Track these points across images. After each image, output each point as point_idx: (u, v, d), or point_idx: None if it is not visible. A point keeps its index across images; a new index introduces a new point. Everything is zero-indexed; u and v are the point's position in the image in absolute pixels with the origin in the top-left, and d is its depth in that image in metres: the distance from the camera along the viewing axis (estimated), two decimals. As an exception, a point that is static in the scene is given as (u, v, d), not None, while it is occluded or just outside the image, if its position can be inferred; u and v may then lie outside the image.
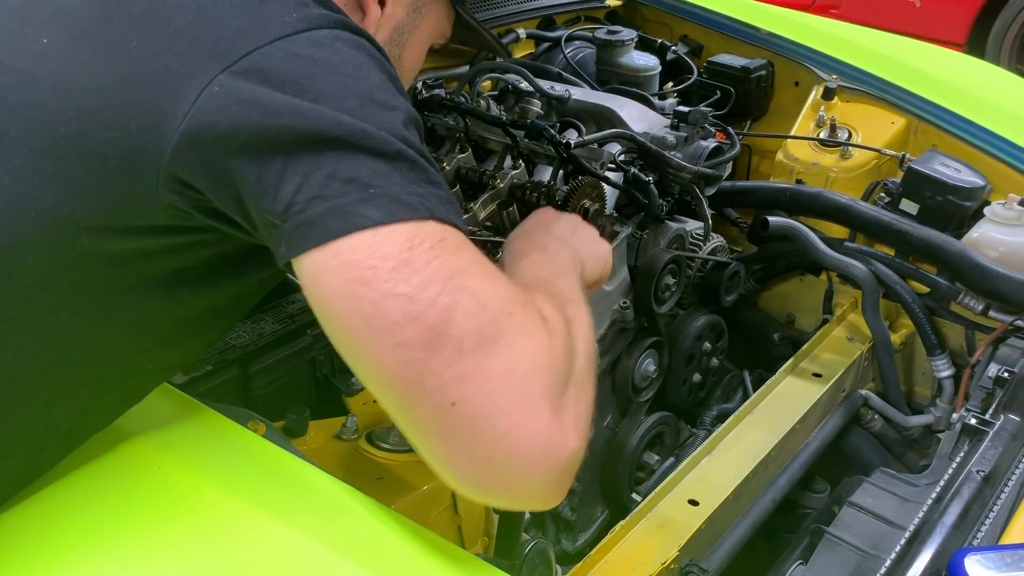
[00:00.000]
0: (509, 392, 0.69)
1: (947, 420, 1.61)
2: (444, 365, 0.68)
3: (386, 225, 0.69)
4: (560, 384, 0.73)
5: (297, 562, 0.83)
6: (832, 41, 2.07)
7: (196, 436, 0.95)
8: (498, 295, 0.72)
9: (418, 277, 0.68)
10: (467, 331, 0.69)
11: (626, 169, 1.50)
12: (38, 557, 0.83)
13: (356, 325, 0.69)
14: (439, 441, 0.71)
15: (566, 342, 0.77)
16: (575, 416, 0.73)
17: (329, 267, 0.70)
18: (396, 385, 0.70)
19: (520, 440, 0.69)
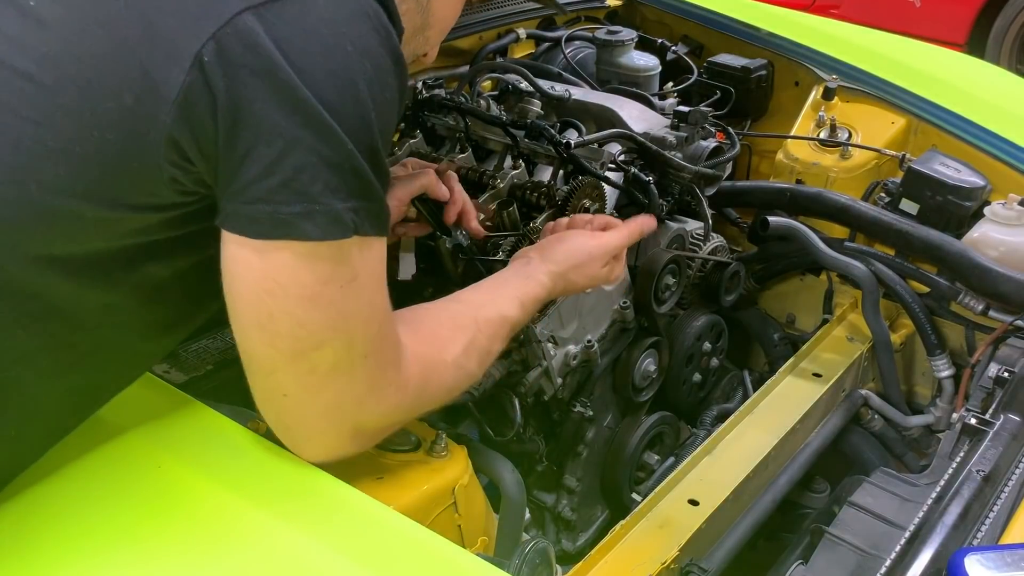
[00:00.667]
0: (328, 412, 0.86)
1: (947, 420, 1.61)
2: (294, 372, 0.83)
3: (314, 242, 0.77)
4: (376, 417, 0.89)
5: (297, 562, 0.83)
6: (832, 41, 2.07)
7: (196, 436, 0.95)
8: (368, 338, 0.84)
9: (317, 314, 0.80)
10: (326, 360, 0.82)
11: (626, 169, 1.50)
12: (38, 557, 0.83)
13: (248, 316, 0.81)
14: (262, 403, 0.87)
15: (412, 388, 0.91)
16: (369, 440, 0.92)
17: (251, 262, 0.78)
18: (253, 362, 0.84)
19: (312, 439, 0.88)
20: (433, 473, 1.05)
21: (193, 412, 0.98)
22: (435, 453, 1.07)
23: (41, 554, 0.84)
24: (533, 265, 1.16)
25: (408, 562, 0.85)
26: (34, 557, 0.83)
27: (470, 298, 1.06)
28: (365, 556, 0.85)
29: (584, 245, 1.21)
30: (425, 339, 0.94)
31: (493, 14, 2.00)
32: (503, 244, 1.34)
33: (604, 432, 1.54)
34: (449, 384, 0.97)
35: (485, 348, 1.02)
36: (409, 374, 0.91)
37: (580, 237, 1.22)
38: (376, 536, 0.87)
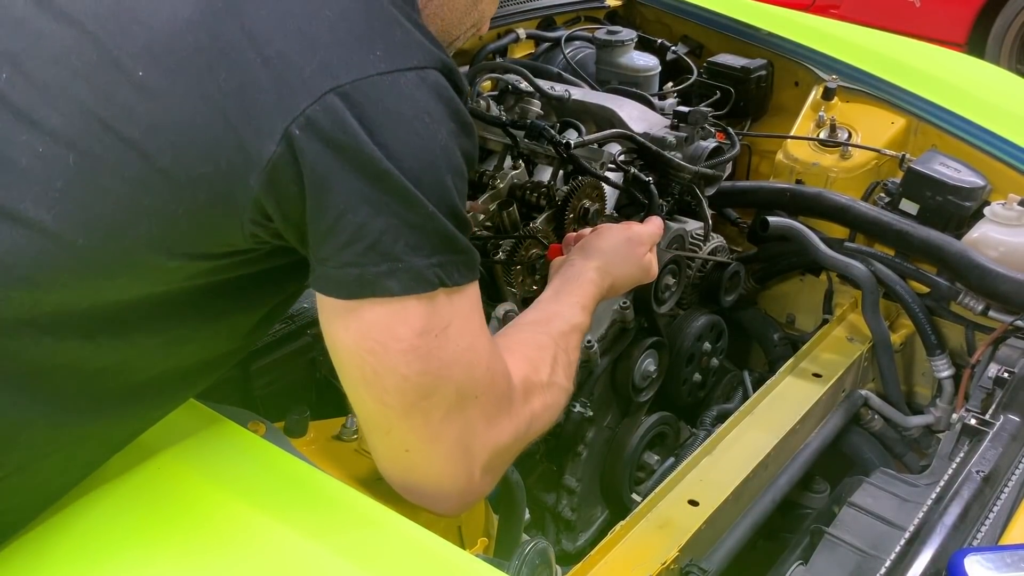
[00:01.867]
0: (455, 456, 0.89)
1: (947, 420, 1.61)
2: (410, 427, 0.86)
3: (400, 298, 0.81)
4: (505, 444, 0.92)
5: (297, 563, 0.84)
6: (832, 41, 2.07)
7: (196, 436, 0.95)
8: (474, 380, 0.87)
9: (418, 365, 0.83)
10: (440, 409, 0.86)
11: (626, 169, 1.50)
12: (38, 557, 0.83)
13: (355, 378, 0.85)
14: (385, 463, 0.91)
15: (526, 416, 0.95)
16: (499, 470, 0.95)
17: (347, 325, 0.83)
18: (369, 422, 0.89)
19: (444, 486, 0.91)
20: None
21: (193, 412, 0.98)
22: (435, 453, 1.07)
23: (41, 554, 0.84)
24: (578, 267, 1.19)
25: (408, 563, 0.85)
26: (34, 557, 0.83)
27: (536, 318, 1.10)
28: (365, 557, 0.85)
29: (620, 235, 1.25)
30: (520, 366, 0.97)
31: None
32: (503, 244, 1.34)
33: (604, 432, 1.54)
34: (552, 403, 1.00)
35: (569, 361, 1.06)
36: (519, 402, 0.94)
37: (613, 229, 1.27)
38: (376, 537, 0.87)
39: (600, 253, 1.21)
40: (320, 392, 1.32)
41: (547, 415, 1.00)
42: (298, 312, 1.33)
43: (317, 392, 1.32)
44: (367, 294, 0.81)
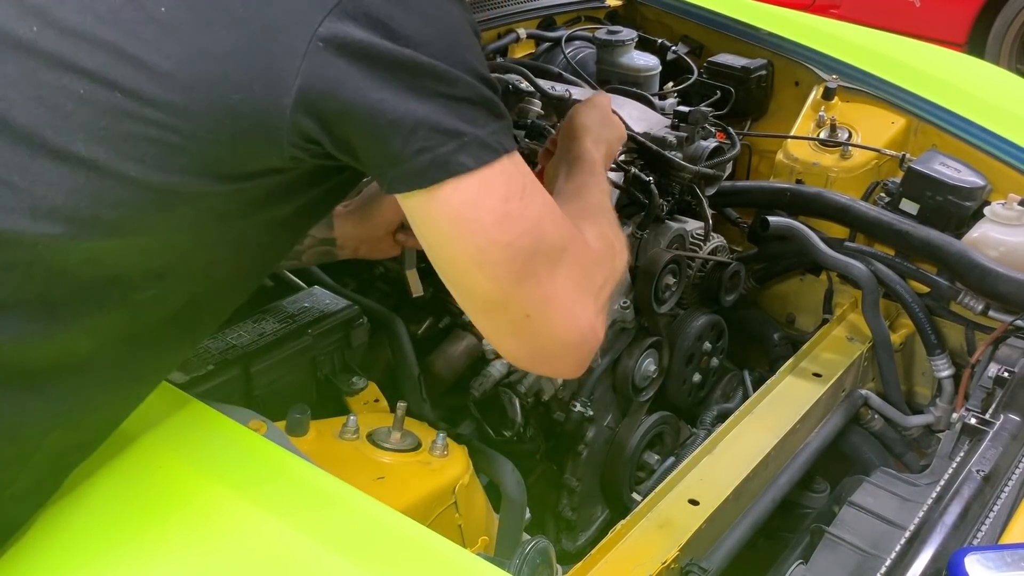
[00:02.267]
0: (569, 305, 0.92)
1: (947, 420, 1.61)
2: (526, 291, 0.89)
3: (477, 171, 0.83)
4: (600, 286, 0.98)
5: (298, 562, 0.84)
6: (832, 41, 2.07)
7: (197, 436, 0.95)
8: (562, 232, 0.92)
9: (516, 228, 0.86)
10: (544, 266, 0.89)
11: (626, 169, 1.50)
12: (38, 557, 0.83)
13: (464, 264, 0.88)
14: (511, 338, 0.93)
15: (605, 252, 1.01)
16: (606, 306, 0.99)
17: (439, 215, 0.85)
18: (486, 302, 0.91)
19: (571, 337, 0.93)
20: (434, 473, 1.05)
21: (193, 412, 0.98)
22: (435, 453, 1.07)
23: (41, 554, 0.84)
24: (575, 150, 1.23)
25: (408, 562, 0.85)
26: (34, 557, 0.83)
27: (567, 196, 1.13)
28: (366, 556, 0.85)
29: (590, 108, 1.30)
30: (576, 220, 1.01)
31: (493, 14, 2.00)
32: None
33: (604, 432, 1.54)
34: (615, 247, 1.06)
35: (611, 216, 1.11)
36: (596, 246, 1.00)
37: (580, 108, 1.31)
38: (377, 536, 0.87)
39: (584, 129, 1.25)
40: (320, 392, 1.32)
41: (619, 262, 1.06)
42: (299, 311, 1.33)
43: (318, 392, 1.32)
44: (445, 175, 0.83)
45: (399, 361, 1.36)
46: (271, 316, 1.31)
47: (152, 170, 0.82)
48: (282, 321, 1.30)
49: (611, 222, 1.10)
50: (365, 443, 1.06)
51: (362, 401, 1.28)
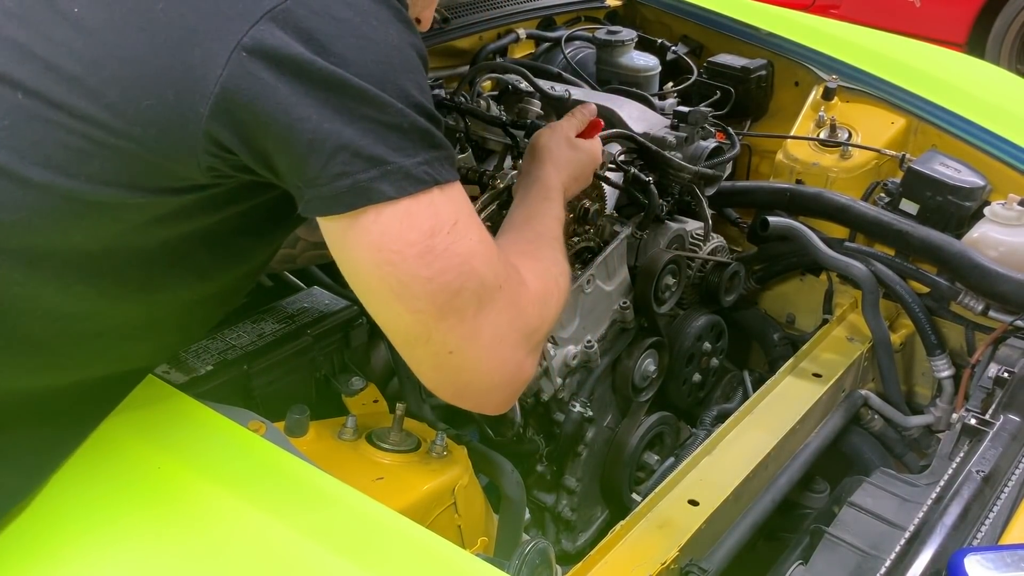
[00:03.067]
0: (496, 344, 0.89)
1: (947, 420, 1.61)
2: (448, 327, 0.86)
3: (399, 201, 0.80)
4: (535, 327, 0.94)
5: (297, 562, 0.84)
6: (832, 41, 2.07)
7: (197, 436, 0.95)
8: (496, 271, 0.88)
9: (438, 264, 0.83)
10: (472, 303, 0.86)
11: (626, 169, 1.50)
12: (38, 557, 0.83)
13: (383, 294, 0.84)
14: (432, 371, 0.90)
15: (543, 291, 0.97)
16: (540, 345, 0.96)
17: (357, 242, 0.82)
18: (407, 337, 0.87)
19: (495, 377, 0.91)
20: (433, 473, 1.05)
21: (193, 412, 0.98)
22: (435, 453, 1.07)
23: (41, 554, 0.84)
24: (532, 173, 1.20)
25: (408, 563, 0.85)
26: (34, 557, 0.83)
27: (516, 222, 1.12)
28: (365, 557, 0.85)
29: (548, 133, 1.27)
30: (521, 256, 0.99)
31: (493, 14, 2.00)
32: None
33: (604, 432, 1.54)
34: (556, 286, 1.02)
35: (558, 243, 1.09)
36: (534, 287, 0.96)
37: (541, 133, 1.28)
38: (376, 537, 0.87)
39: (546, 151, 1.22)
40: (320, 392, 1.32)
41: (558, 297, 1.02)
42: (298, 312, 1.33)
43: (317, 392, 1.32)
44: (364, 202, 0.80)
45: (399, 361, 1.36)
46: (270, 316, 1.31)
47: (58, 175, 0.80)
48: (281, 321, 1.30)
49: (555, 255, 1.06)
50: (364, 444, 1.05)
51: (361, 401, 1.28)
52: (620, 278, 1.49)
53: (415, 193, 0.81)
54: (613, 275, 1.48)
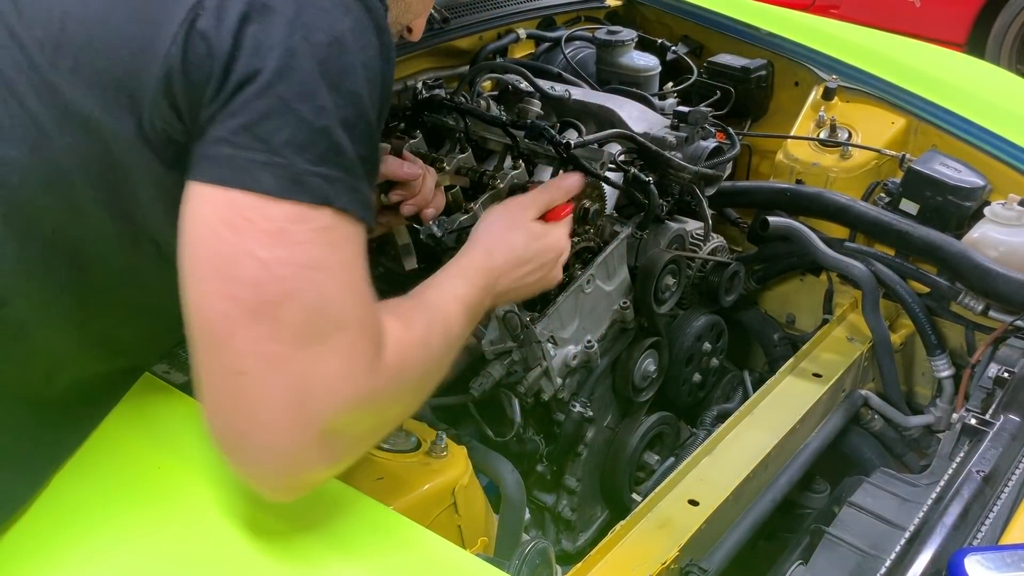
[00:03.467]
0: (295, 397, 0.73)
1: (947, 420, 1.61)
2: (255, 337, 0.71)
3: (274, 198, 0.71)
4: (347, 416, 0.76)
5: (297, 562, 0.84)
6: (832, 41, 2.07)
7: (196, 436, 0.95)
8: (343, 306, 0.75)
9: (282, 251, 0.72)
10: (292, 321, 0.72)
11: (626, 169, 1.50)
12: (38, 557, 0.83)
13: (205, 259, 0.73)
14: (211, 394, 0.75)
15: (389, 383, 0.80)
16: (344, 451, 0.79)
17: (212, 200, 0.73)
18: (207, 327, 0.73)
19: (273, 446, 0.74)
20: (433, 473, 1.05)
21: (193, 412, 0.98)
22: (435, 453, 1.07)
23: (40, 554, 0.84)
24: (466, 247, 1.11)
25: (408, 563, 0.85)
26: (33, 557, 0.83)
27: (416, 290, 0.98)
28: (365, 557, 0.85)
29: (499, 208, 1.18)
30: (392, 316, 0.85)
31: (493, 14, 2.00)
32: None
33: (604, 432, 1.54)
34: (421, 367, 0.86)
35: (447, 328, 0.93)
36: (388, 355, 0.80)
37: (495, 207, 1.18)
38: (376, 537, 0.87)
39: (485, 232, 1.12)
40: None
41: (414, 381, 0.86)
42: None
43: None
44: (237, 183, 0.72)
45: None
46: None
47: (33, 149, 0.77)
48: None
49: (427, 331, 0.88)
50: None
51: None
52: (620, 278, 1.49)
53: (300, 200, 0.72)
54: (613, 275, 1.48)
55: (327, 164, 0.73)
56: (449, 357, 0.93)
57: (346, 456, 0.81)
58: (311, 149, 0.73)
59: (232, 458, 0.77)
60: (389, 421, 0.87)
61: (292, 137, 0.72)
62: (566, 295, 1.38)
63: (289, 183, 0.72)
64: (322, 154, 0.73)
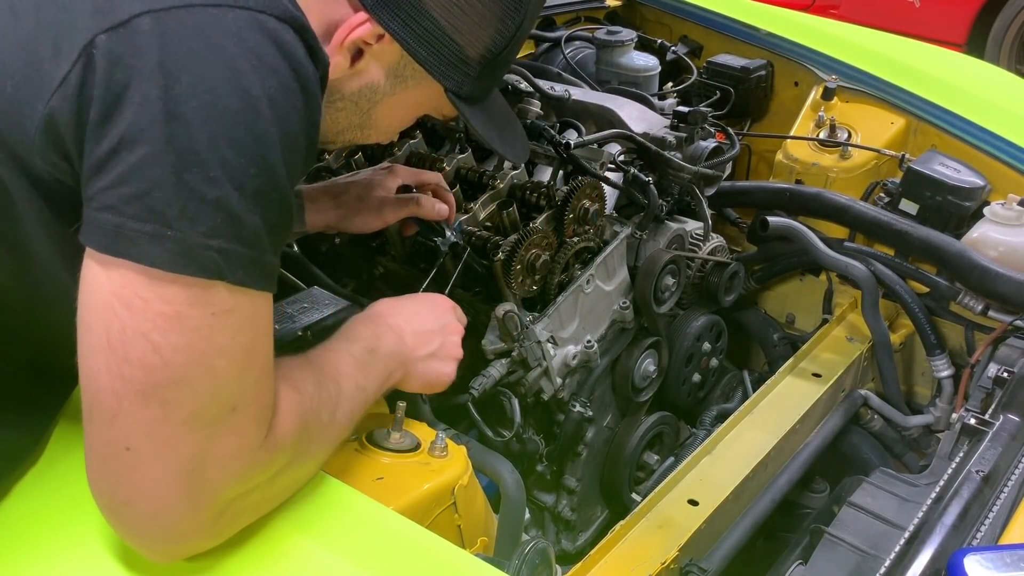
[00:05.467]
0: (183, 475, 0.72)
1: (947, 420, 1.61)
2: (144, 418, 0.70)
3: (163, 272, 0.69)
4: (238, 490, 0.76)
5: (297, 563, 0.84)
6: (832, 41, 2.07)
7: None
8: (239, 389, 0.73)
9: (177, 338, 0.69)
10: (184, 406, 0.71)
11: (626, 169, 1.50)
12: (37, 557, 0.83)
13: (98, 333, 0.70)
14: (96, 462, 0.73)
15: (282, 453, 0.80)
16: (232, 522, 0.78)
17: (107, 271, 0.70)
18: (95, 401, 0.72)
19: (158, 518, 0.73)
20: (433, 473, 1.05)
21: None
22: (435, 453, 1.07)
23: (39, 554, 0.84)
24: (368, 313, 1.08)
25: (408, 563, 0.85)
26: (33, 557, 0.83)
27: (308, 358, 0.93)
28: (365, 557, 0.85)
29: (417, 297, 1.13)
30: (295, 387, 0.84)
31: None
32: (503, 244, 1.34)
33: (604, 432, 1.54)
34: (315, 428, 0.86)
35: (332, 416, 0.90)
36: (285, 429, 0.80)
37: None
38: (376, 537, 0.87)
39: (395, 311, 1.07)
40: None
41: (319, 451, 0.87)
42: (297, 312, 1.33)
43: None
44: (124, 254, 0.68)
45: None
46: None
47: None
48: (280, 321, 1.30)
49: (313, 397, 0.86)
50: (364, 443, 1.05)
51: (361, 401, 1.28)
52: (620, 278, 1.49)
53: (190, 275, 0.69)
54: (613, 275, 1.48)
55: (222, 237, 0.70)
56: (345, 414, 0.92)
57: (234, 526, 0.80)
58: (204, 221, 0.69)
59: (112, 522, 0.76)
60: (284, 488, 0.85)
61: (184, 209, 0.68)
62: (566, 295, 1.38)
63: (178, 256, 0.69)
64: (215, 227, 0.70)
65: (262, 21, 0.72)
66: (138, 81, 0.68)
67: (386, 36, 0.89)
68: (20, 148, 0.73)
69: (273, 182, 0.73)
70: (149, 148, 0.68)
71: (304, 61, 0.75)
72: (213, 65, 0.69)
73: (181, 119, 0.68)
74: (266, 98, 0.71)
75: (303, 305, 1.34)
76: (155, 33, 0.69)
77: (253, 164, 0.71)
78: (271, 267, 0.75)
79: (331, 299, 1.37)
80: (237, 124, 0.70)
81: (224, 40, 0.70)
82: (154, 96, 0.68)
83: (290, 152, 0.74)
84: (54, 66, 0.70)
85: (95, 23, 0.70)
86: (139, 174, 0.68)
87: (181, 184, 0.68)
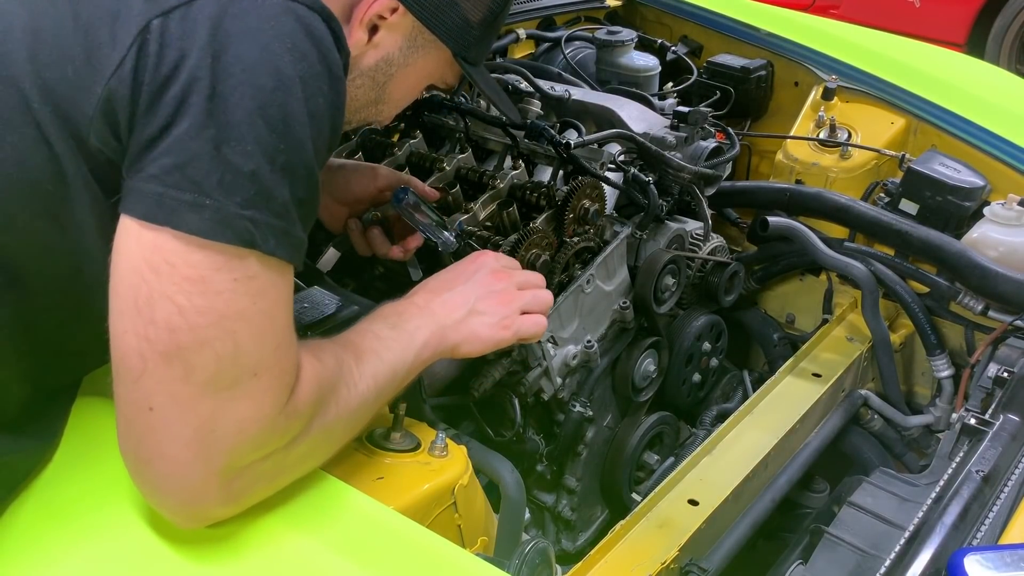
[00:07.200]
0: (200, 436, 0.76)
1: (947, 420, 1.61)
2: (166, 378, 0.74)
3: (198, 239, 0.73)
4: (251, 455, 0.79)
5: (297, 562, 0.84)
6: (832, 41, 2.07)
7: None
8: (259, 354, 0.77)
9: (200, 300, 0.74)
10: (205, 368, 0.74)
11: (626, 169, 1.50)
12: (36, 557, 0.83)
13: (126, 295, 0.75)
14: (123, 422, 0.78)
15: (299, 421, 0.82)
16: (247, 489, 0.81)
17: (139, 237, 0.75)
18: (123, 361, 0.76)
19: (174, 478, 0.77)
20: (433, 473, 1.05)
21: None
22: (435, 453, 1.07)
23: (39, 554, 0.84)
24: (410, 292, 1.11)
25: (408, 562, 0.85)
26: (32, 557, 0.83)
27: (346, 335, 0.98)
28: (365, 556, 0.85)
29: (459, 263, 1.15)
30: (316, 356, 0.87)
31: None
32: (503, 244, 1.34)
33: (604, 432, 1.54)
34: (333, 401, 0.88)
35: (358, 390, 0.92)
36: (303, 397, 0.82)
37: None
38: (376, 536, 0.87)
39: (435, 281, 1.11)
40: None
41: (341, 421, 0.89)
42: (298, 312, 1.33)
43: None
44: (164, 222, 0.73)
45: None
46: (271, 316, 1.30)
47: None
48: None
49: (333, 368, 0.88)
50: (364, 443, 1.05)
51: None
52: (620, 278, 1.49)
53: (225, 242, 0.74)
54: (613, 275, 1.48)
55: (255, 208, 0.75)
56: (368, 388, 0.93)
57: (251, 493, 0.83)
58: (239, 192, 0.74)
59: (137, 482, 0.80)
60: (301, 458, 0.87)
61: (221, 180, 0.74)
62: (566, 295, 1.38)
63: (215, 224, 0.74)
64: (249, 198, 0.75)
65: (295, 9, 0.78)
66: (186, 61, 0.74)
67: (399, 8, 0.97)
68: (79, 127, 0.77)
69: (301, 158, 0.78)
70: (191, 121, 0.73)
71: (332, 48, 0.81)
72: (251, 47, 0.75)
73: (221, 96, 0.74)
74: (298, 79, 0.77)
75: (303, 305, 1.34)
76: (201, 18, 0.75)
77: (283, 140, 0.76)
78: (299, 240, 0.80)
79: (331, 299, 1.37)
80: (271, 102, 0.75)
81: (262, 24, 0.76)
82: (199, 75, 0.74)
83: (317, 132, 0.79)
84: (111, 50, 0.75)
85: (149, 9, 0.76)
86: (181, 146, 0.73)
87: (219, 156, 0.73)
